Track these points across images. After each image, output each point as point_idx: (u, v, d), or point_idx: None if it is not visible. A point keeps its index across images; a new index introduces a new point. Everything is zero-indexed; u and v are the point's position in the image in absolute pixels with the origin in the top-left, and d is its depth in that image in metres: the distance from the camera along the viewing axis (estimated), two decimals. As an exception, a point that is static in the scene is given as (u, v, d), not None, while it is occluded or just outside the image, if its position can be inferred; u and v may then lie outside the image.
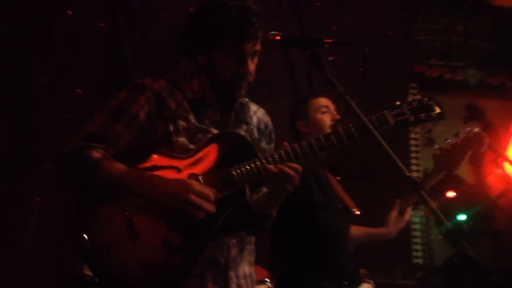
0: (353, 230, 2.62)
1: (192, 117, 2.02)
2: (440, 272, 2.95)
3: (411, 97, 2.04)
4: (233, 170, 1.92)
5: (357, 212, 2.79)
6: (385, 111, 2.00)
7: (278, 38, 1.90)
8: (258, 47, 2.02)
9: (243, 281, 2.09)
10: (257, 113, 2.25)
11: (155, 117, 1.99)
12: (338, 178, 2.89)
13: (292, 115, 2.99)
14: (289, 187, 1.90)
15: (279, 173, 1.88)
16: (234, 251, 2.05)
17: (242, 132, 2.11)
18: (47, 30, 4.30)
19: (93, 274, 1.97)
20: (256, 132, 2.20)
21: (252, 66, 2.04)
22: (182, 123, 2.00)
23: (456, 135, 2.72)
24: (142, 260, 1.86)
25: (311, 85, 2.04)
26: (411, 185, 1.63)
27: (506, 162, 4.75)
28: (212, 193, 1.85)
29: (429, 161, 3.54)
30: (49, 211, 3.86)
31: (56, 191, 3.71)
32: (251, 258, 2.15)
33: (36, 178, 3.94)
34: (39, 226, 3.88)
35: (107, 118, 1.98)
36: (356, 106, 1.77)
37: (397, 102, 2.04)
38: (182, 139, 1.99)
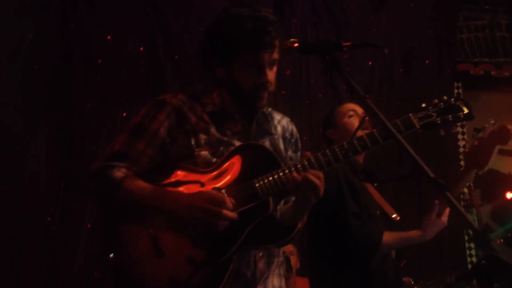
0: (385, 237, 2.53)
1: (213, 130, 2.02)
2: (470, 277, 2.80)
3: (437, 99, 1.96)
4: (257, 182, 1.90)
5: (397, 218, 2.69)
6: (410, 114, 1.93)
7: (297, 45, 1.87)
8: (276, 55, 2.00)
9: None
10: (281, 122, 2.22)
11: (176, 132, 1.99)
12: (375, 185, 2.81)
13: (323, 126, 2.96)
14: (313, 196, 1.86)
15: (302, 181, 1.84)
16: (261, 264, 2.02)
17: (266, 143, 2.09)
18: (88, 55, 4.45)
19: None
20: (281, 142, 2.17)
21: (271, 75, 2.02)
22: (203, 137, 2.00)
23: (482, 130, 2.59)
24: (168, 277, 1.85)
25: (349, 91, 1.98)
26: (436, 187, 1.55)
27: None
28: (228, 199, 1.83)
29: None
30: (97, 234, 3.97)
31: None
32: (280, 271, 2.11)
33: (86, 204, 4.07)
34: (88, 248, 4.02)
35: (128, 136, 2.01)
36: (377, 110, 1.71)
37: (423, 104, 1.97)
38: (205, 152, 1.98)
